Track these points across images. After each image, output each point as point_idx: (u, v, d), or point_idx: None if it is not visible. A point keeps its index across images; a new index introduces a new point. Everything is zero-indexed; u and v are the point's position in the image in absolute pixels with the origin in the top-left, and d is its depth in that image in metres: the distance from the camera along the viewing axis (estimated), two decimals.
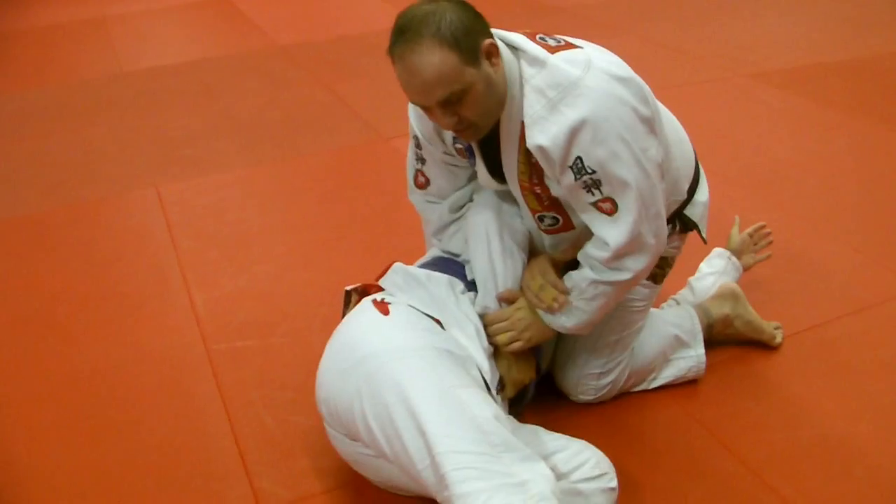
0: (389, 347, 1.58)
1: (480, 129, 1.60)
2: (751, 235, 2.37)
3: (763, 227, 2.39)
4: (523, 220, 1.82)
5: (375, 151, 3.56)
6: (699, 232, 1.91)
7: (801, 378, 2.07)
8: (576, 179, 1.56)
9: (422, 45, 1.48)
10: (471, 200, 1.89)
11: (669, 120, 1.81)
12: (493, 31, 1.61)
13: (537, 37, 1.61)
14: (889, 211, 2.86)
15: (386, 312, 1.65)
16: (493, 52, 1.55)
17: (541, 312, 1.75)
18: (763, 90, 4.04)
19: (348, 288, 1.83)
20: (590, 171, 1.54)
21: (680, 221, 1.87)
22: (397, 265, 1.81)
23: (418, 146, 1.85)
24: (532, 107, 1.54)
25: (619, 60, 1.62)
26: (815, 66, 4.34)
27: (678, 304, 2.21)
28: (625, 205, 1.59)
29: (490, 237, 1.78)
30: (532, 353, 1.83)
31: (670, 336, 2.01)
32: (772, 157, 3.30)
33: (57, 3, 7.00)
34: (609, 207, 1.59)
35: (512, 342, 1.74)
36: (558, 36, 1.65)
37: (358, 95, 4.21)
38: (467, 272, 1.84)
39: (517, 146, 1.63)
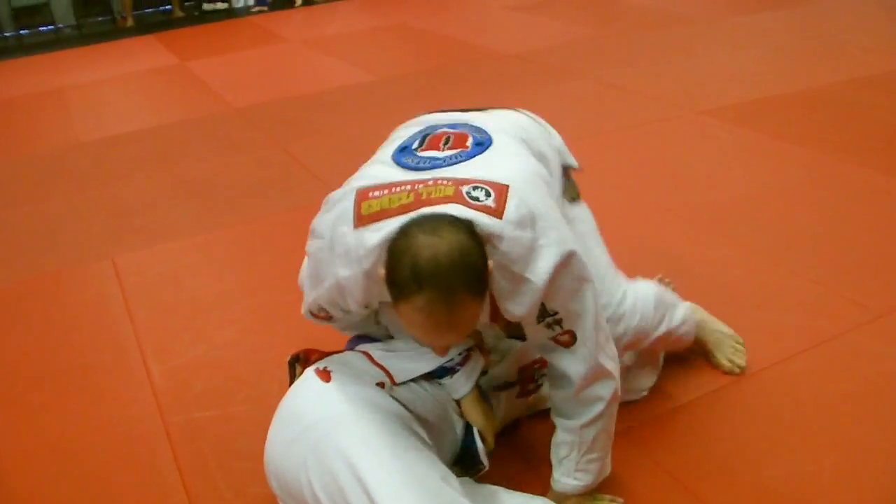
0: (332, 414, 1.56)
1: None
2: None
3: None
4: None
5: None
6: None
7: (764, 417, 2.05)
8: (538, 322, 1.56)
9: (454, 303, 1.39)
10: None
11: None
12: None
13: (464, 192, 1.46)
14: (846, 240, 2.88)
15: (328, 380, 1.63)
16: None
17: (563, 483, 1.75)
18: (716, 126, 4.08)
19: (290, 358, 1.82)
20: (552, 313, 1.55)
21: None
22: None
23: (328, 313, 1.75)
24: (499, 283, 1.50)
25: (535, 180, 1.58)
26: (766, 100, 4.39)
27: None
28: (582, 334, 1.59)
29: None
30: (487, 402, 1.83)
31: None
32: (728, 193, 3.32)
33: (14, 76, 7.02)
34: (566, 339, 1.60)
35: None
36: (489, 167, 1.53)
37: (312, 154, 4.20)
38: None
39: None
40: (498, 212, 1.44)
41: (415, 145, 1.59)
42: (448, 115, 1.76)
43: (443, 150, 1.57)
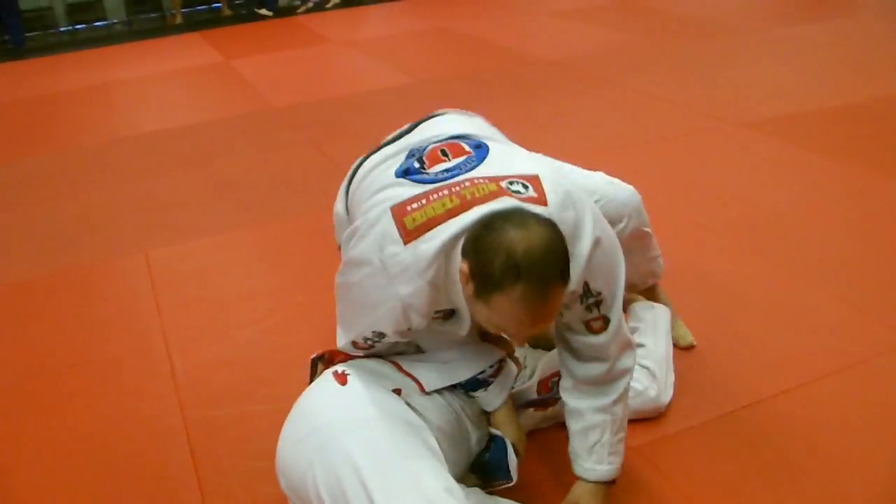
0: (343, 417, 1.56)
1: None
2: None
3: None
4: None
5: None
6: None
7: (785, 440, 2.00)
8: (581, 303, 1.58)
9: (549, 292, 1.41)
10: None
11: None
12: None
13: (509, 190, 1.50)
14: (881, 260, 2.81)
15: (344, 383, 1.64)
16: None
17: (598, 472, 1.73)
18: (755, 139, 4.02)
19: (314, 356, 1.81)
20: (595, 293, 1.57)
21: None
22: None
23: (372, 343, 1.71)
24: None
25: (549, 164, 1.66)
26: (807, 114, 4.32)
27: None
28: (613, 316, 1.62)
29: None
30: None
31: None
32: (763, 208, 3.26)
33: (64, 70, 7.14)
34: (599, 326, 1.62)
35: None
36: (507, 164, 1.58)
37: (347, 155, 4.16)
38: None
39: None
40: (542, 200, 1.48)
41: (416, 165, 1.58)
42: (413, 139, 1.77)
43: (450, 160, 1.57)
